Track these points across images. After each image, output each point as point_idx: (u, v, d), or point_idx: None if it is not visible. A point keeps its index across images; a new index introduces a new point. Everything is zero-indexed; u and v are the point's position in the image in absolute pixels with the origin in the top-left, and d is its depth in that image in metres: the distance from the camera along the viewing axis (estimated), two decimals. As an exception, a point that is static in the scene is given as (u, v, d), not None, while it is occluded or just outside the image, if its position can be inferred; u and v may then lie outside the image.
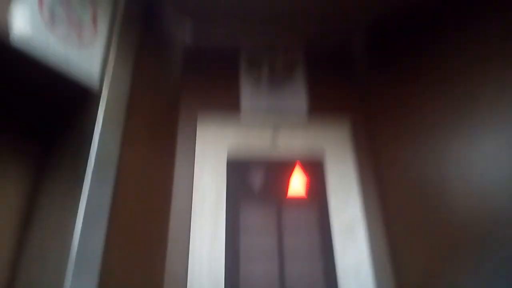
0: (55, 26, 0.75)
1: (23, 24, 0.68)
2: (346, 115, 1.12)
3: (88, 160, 0.73)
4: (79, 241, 0.66)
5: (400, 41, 1.10)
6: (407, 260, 0.93)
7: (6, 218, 0.75)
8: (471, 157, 0.84)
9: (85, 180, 0.71)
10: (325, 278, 0.95)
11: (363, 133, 1.11)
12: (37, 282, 0.69)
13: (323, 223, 0.99)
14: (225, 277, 0.93)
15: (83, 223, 0.67)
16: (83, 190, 0.70)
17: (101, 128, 0.77)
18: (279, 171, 1.05)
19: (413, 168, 0.96)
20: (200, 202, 0.99)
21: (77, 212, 0.68)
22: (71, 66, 0.75)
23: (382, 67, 1.15)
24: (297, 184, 1.04)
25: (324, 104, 1.14)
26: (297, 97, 1.15)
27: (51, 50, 0.72)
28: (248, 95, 1.14)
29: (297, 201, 1.02)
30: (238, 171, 1.04)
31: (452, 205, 0.85)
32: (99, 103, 0.79)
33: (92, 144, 0.75)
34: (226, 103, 1.13)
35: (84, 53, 0.80)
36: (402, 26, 1.10)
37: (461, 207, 0.83)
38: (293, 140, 1.08)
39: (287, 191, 1.03)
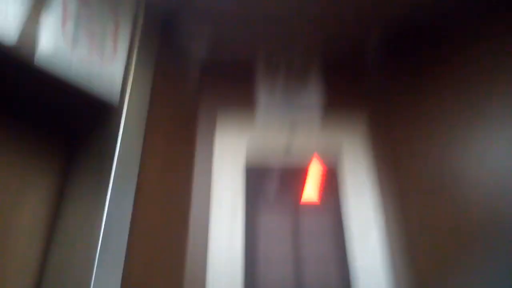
0: (77, 45, 0.81)
1: (47, 44, 0.74)
2: (362, 112, 1.12)
3: (111, 169, 0.77)
4: (103, 244, 0.69)
5: (418, 38, 1.11)
6: (423, 261, 0.92)
7: (34, 222, 0.79)
8: (491, 155, 0.83)
9: (109, 187, 0.74)
10: (342, 281, 0.94)
11: (379, 132, 1.12)
12: (64, 281, 0.76)
13: (339, 226, 1.00)
14: (243, 282, 0.94)
15: (106, 227, 0.70)
16: (107, 196, 0.74)
17: (123, 139, 0.81)
18: (295, 175, 1.06)
19: (430, 166, 0.95)
20: (218, 208, 1.01)
21: (101, 217, 0.71)
22: (92, 83, 0.81)
23: (399, 64, 1.15)
24: (313, 186, 1.04)
25: (339, 102, 1.15)
26: (313, 97, 1.16)
27: (74, 68, 0.78)
28: (265, 98, 1.16)
29: (312, 203, 1.03)
30: (256, 177, 1.06)
31: (470, 206, 0.84)
32: (120, 116, 0.83)
33: (114, 155, 0.78)
34: (244, 109, 1.15)
35: (105, 70, 0.85)
36: (419, 24, 1.11)
37: (480, 207, 0.82)
38: (310, 139, 1.09)
39: (303, 194, 1.04)
